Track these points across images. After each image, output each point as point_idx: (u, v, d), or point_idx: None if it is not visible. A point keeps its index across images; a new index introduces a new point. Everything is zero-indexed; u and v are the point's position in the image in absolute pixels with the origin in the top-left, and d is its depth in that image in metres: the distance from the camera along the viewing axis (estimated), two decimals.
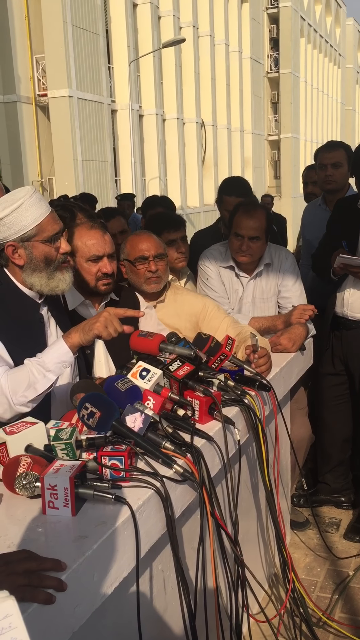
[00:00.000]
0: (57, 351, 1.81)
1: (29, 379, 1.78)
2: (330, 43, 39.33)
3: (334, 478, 3.45)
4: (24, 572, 1.12)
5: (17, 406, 1.80)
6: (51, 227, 1.92)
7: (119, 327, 1.83)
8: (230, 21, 26.91)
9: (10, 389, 1.78)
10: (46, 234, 1.92)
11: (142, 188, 21.22)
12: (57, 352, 1.81)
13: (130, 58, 19.87)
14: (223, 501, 1.86)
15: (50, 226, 1.92)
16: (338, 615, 2.59)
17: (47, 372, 1.79)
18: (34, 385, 1.78)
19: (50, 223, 1.92)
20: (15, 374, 1.80)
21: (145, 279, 2.54)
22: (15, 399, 1.79)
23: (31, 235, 1.91)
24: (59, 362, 1.80)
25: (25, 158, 17.80)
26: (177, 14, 22.70)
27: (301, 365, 2.81)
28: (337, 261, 2.97)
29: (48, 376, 1.79)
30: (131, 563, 1.39)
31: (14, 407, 1.80)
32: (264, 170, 32.13)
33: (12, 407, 1.80)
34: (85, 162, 18.11)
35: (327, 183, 3.90)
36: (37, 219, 1.90)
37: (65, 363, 1.81)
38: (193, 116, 24.12)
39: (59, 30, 16.95)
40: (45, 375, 1.78)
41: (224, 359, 2.09)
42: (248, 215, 2.83)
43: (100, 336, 1.84)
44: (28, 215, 1.88)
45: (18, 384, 1.78)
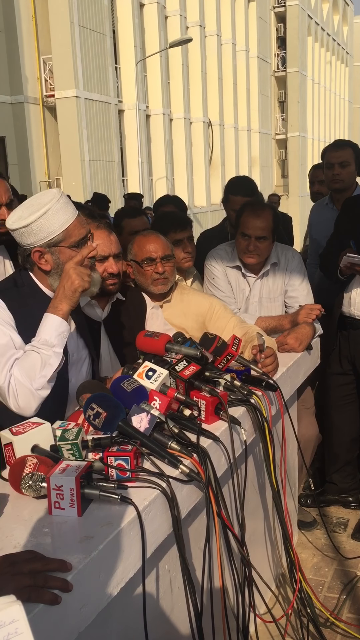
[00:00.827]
0: (52, 325, 1.82)
1: (41, 358, 1.79)
2: (338, 41, 39.19)
3: (341, 478, 3.44)
4: (30, 573, 1.12)
5: (38, 390, 1.80)
6: (78, 232, 1.90)
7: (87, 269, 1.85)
8: (237, 20, 26.86)
9: (27, 376, 1.78)
10: (73, 239, 1.89)
11: (149, 188, 21.23)
12: (53, 326, 1.82)
13: (137, 58, 19.88)
14: (230, 501, 1.85)
15: (77, 231, 1.90)
16: (346, 616, 2.58)
17: (53, 347, 1.80)
18: (48, 361, 1.79)
19: (77, 228, 1.90)
20: (25, 361, 1.80)
21: (152, 280, 2.54)
22: (35, 384, 1.78)
23: (58, 241, 1.88)
24: (58, 335, 1.82)
25: (32, 158, 17.85)
26: (183, 14, 22.69)
27: (308, 365, 2.80)
28: (344, 260, 2.95)
29: (56, 350, 1.81)
30: (137, 563, 1.39)
31: (36, 392, 1.79)
32: (272, 170, 32.06)
33: (34, 393, 1.79)
34: (93, 162, 18.13)
35: (334, 182, 3.89)
36: (63, 224, 1.87)
37: (64, 333, 1.83)
38: (200, 116, 24.10)
39: (66, 30, 16.99)
40: (53, 350, 1.80)
41: (230, 358, 2.09)
42: (255, 215, 2.83)
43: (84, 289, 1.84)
44: (54, 220, 1.86)
45: (31, 368, 1.78)
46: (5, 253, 2.66)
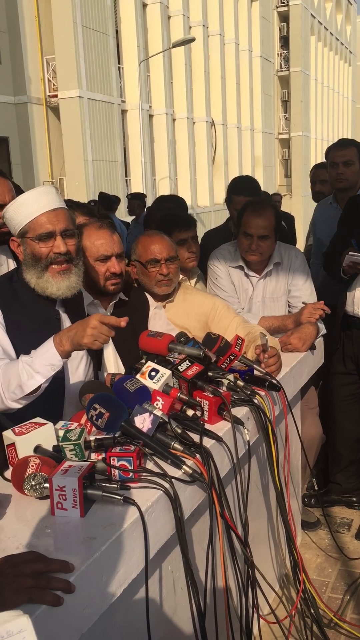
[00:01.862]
0: (47, 353, 1.77)
1: (20, 378, 1.76)
2: (341, 41, 39.13)
3: (345, 478, 3.43)
4: (32, 574, 1.12)
5: (9, 401, 1.79)
6: (44, 226, 1.91)
7: (109, 333, 1.75)
8: (240, 20, 26.85)
9: (3, 384, 1.78)
10: (37, 232, 1.91)
11: (153, 188, 21.22)
12: (47, 354, 1.77)
13: (140, 58, 19.88)
14: (233, 502, 1.85)
15: (43, 225, 1.91)
16: (350, 616, 2.57)
17: (36, 373, 1.76)
18: (22, 385, 1.76)
19: (44, 222, 1.91)
20: (9, 369, 1.79)
21: (157, 281, 2.54)
22: (7, 395, 1.79)
23: (24, 232, 1.93)
24: (47, 365, 1.76)
25: (36, 159, 17.88)
26: (186, 14, 22.68)
27: (311, 365, 2.79)
28: (347, 260, 2.95)
29: (36, 377, 1.76)
30: (140, 564, 1.39)
31: (6, 401, 1.79)
32: (275, 169, 32.03)
33: (4, 401, 1.79)
34: (96, 163, 18.14)
35: (338, 181, 3.88)
36: (29, 216, 1.91)
37: (54, 366, 1.77)
38: (203, 115, 24.09)
39: (69, 31, 17.00)
40: (32, 377, 1.76)
41: (233, 358, 2.08)
42: (257, 214, 2.82)
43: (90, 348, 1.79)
44: (21, 212, 1.91)
45: (10, 380, 1.78)
46: (8, 252, 2.66)
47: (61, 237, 1.93)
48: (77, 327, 1.76)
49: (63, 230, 1.94)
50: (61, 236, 1.94)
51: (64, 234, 1.94)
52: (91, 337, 1.72)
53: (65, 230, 1.95)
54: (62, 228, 1.94)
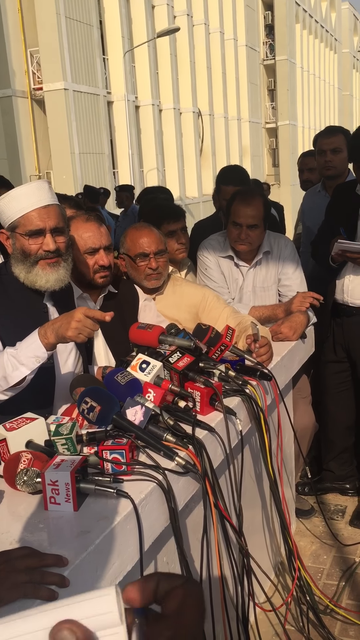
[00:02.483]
0: (31, 345, 1.78)
1: (4, 370, 1.77)
2: (326, 28, 39.01)
3: (338, 465, 3.45)
4: (26, 569, 1.11)
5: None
6: (34, 223, 1.90)
7: (94, 327, 1.76)
8: (225, 9, 26.70)
9: None
10: (27, 228, 1.91)
11: (140, 179, 21.14)
12: (31, 346, 1.78)
13: (125, 49, 19.74)
14: (227, 492, 1.85)
15: (33, 221, 1.90)
16: (345, 602, 2.59)
17: (20, 365, 1.77)
18: (7, 377, 1.77)
19: (35, 218, 1.90)
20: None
21: (146, 275, 2.53)
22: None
23: (14, 227, 1.92)
24: (32, 357, 1.77)
25: (22, 152, 17.74)
26: (170, 3, 22.52)
27: (303, 354, 2.80)
28: (335, 247, 2.94)
29: (20, 369, 1.77)
30: (135, 557, 1.38)
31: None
32: (262, 159, 31.98)
33: None
34: (83, 155, 18.03)
35: (326, 169, 3.87)
36: (20, 211, 1.90)
37: (38, 358, 1.78)
38: (190, 106, 23.99)
39: (53, 22, 16.83)
40: (17, 368, 1.77)
41: (224, 349, 2.08)
42: (246, 204, 2.81)
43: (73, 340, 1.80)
44: (13, 206, 1.90)
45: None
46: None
47: (51, 235, 1.93)
48: (61, 320, 1.77)
49: (53, 227, 1.93)
50: (51, 233, 1.93)
51: (53, 231, 1.94)
52: (75, 330, 1.73)
53: (56, 228, 1.94)
54: (52, 225, 1.93)
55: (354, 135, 3.04)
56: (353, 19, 45.57)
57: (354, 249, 2.91)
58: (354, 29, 45.81)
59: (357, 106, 48.83)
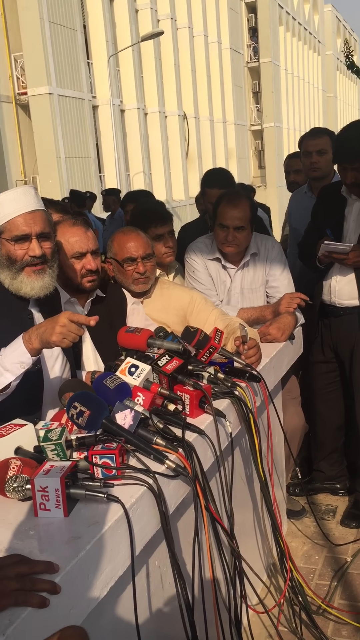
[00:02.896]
0: (16, 351, 1.77)
1: None
2: (310, 30, 39.28)
3: (328, 465, 3.46)
4: (16, 577, 1.10)
5: None
6: (20, 228, 1.90)
7: (78, 332, 1.75)
8: (208, 12, 26.80)
9: None
10: (12, 233, 1.90)
11: (127, 183, 21.14)
12: (16, 352, 1.77)
13: (109, 53, 19.75)
14: (217, 494, 1.85)
15: (19, 226, 1.90)
16: (337, 602, 2.60)
17: (5, 371, 1.76)
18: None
19: (21, 224, 1.90)
20: None
21: (133, 279, 2.53)
22: None
23: (0, 232, 1.91)
24: (16, 363, 1.77)
25: (7, 157, 17.69)
26: (154, 7, 22.58)
27: (291, 355, 2.80)
28: (322, 249, 2.95)
29: (5, 375, 1.76)
30: (126, 561, 1.38)
31: None
32: (248, 161, 32.10)
33: None
34: (69, 160, 18.01)
35: (312, 170, 3.89)
36: (5, 216, 1.89)
37: (23, 364, 1.77)
38: (175, 109, 24.03)
39: (36, 27, 16.81)
40: (2, 374, 1.76)
41: (213, 351, 2.08)
42: (232, 206, 2.82)
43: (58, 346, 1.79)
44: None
45: None
46: None
47: (37, 240, 1.92)
48: (46, 325, 1.76)
49: (39, 233, 1.93)
50: (37, 239, 1.92)
51: (39, 236, 1.93)
52: (60, 335, 1.72)
53: (42, 233, 1.94)
54: (38, 231, 1.92)
55: (338, 137, 3.05)
56: (336, 21, 45.93)
57: (340, 249, 2.93)
58: (336, 31, 46.15)
59: (341, 108, 49.18)
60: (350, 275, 3.06)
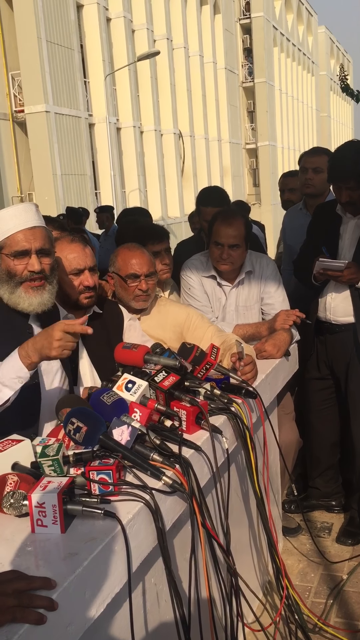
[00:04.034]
0: (13, 367, 1.77)
1: None
2: (303, 51, 39.82)
3: (324, 482, 3.46)
4: (14, 593, 1.10)
5: None
6: (20, 244, 1.92)
7: (75, 340, 1.77)
8: (204, 33, 27.15)
9: None
10: (12, 248, 1.92)
11: (122, 200, 21.25)
12: (13, 367, 1.77)
13: (106, 72, 19.96)
14: (214, 511, 1.85)
15: (19, 242, 1.92)
16: (333, 620, 2.59)
17: (3, 387, 1.76)
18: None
19: (21, 239, 1.92)
20: None
21: (135, 296, 2.54)
22: None
23: (0, 247, 1.93)
24: (14, 378, 1.77)
25: (4, 174, 17.78)
26: (150, 27, 22.86)
27: (287, 371, 2.81)
28: (317, 266, 2.98)
29: (3, 390, 1.76)
30: (123, 578, 1.38)
31: None
32: (243, 179, 32.34)
33: None
34: (65, 177, 18.11)
35: (306, 186, 3.94)
36: (6, 232, 1.91)
37: (21, 379, 1.77)
38: (170, 127, 24.24)
39: (34, 46, 17.00)
40: (0, 390, 1.76)
41: (209, 367, 2.09)
42: (227, 224, 2.84)
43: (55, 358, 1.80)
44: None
45: None
46: None
47: (36, 256, 1.94)
48: (42, 340, 1.76)
49: (39, 248, 1.94)
50: (36, 255, 1.94)
51: (39, 252, 1.95)
52: (59, 349, 1.74)
53: (41, 249, 1.95)
54: (38, 247, 1.94)
55: (333, 156, 3.10)
56: (329, 43, 46.60)
57: (335, 267, 2.96)
58: (330, 52, 46.80)
59: (334, 127, 49.72)
60: (346, 292, 3.09)
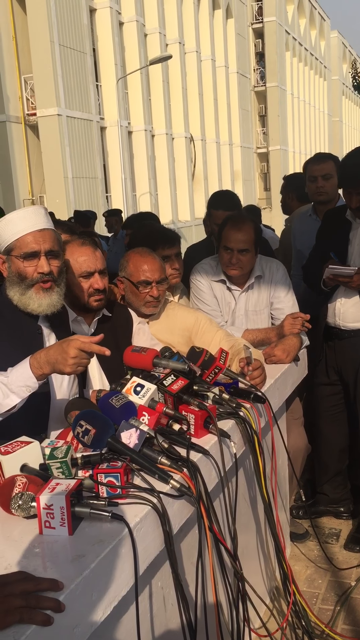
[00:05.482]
0: (23, 375, 1.77)
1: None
2: (316, 56, 39.80)
3: (332, 488, 3.44)
4: (21, 594, 1.11)
5: None
6: (29, 245, 1.93)
7: (89, 357, 1.77)
8: (216, 37, 27.22)
9: None
10: (22, 250, 1.93)
11: (133, 204, 21.31)
12: (23, 375, 1.77)
13: (118, 76, 20.04)
14: (221, 515, 1.85)
15: (29, 244, 1.93)
16: (340, 628, 2.57)
17: (11, 393, 1.76)
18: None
19: (31, 241, 1.93)
20: None
21: (145, 302, 2.54)
22: None
23: (10, 249, 1.95)
24: (23, 386, 1.76)
25: (16, 177, 17.88)
26: (163, 31, 22.94)
27: (296, 376, 2.81)
28: (327, 272, 2.98)
29: (11, 397, 1.76)
30: (130, 581, 1.38)
31: None
32: (254, 183, 32.34)
33: None
34: (76, 180, 18.19)
35: (318, 194, 3.93)
36: (16, 234, 1.93)
37: (29, 388, 1.77)
38: (182, 131, 24.29)
39: (47, 49, 17.11)
40: (8, 396, 1.76)
41: (218, 372, 2.09)
42: (236, 229, 2.84)
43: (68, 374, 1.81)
44: (9, 229, 1.93)
45: None
46: None
47: (45, 258, 1.95)
48: (56, 354, 1.74)
49: (48, 250, 1.96)
50: (45, 256, 1.95)
51: (48, 254, 1.96)
52: (73, 366, 1.73)
53: (50, 251, 1.97)
54: (47, 248, 1.96)
55: (344, 162, 3.09)
56: (342, 47, 46.55)
57: (345, 273, 2.95)
58: (342, 57, 46.74)
59: (346, 132, 49.62)
60: (355, 298, 3.08)
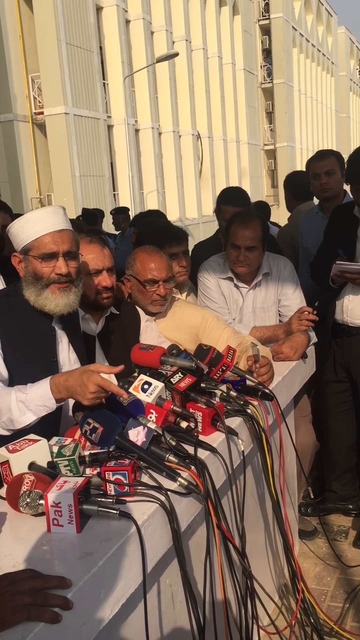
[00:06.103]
0: (43, 395, 1.76)
1: (11, 412, 1.75)
2: (323, 52, 39.63)
3: (341, 486, 3.43)
4: (29, 591, 1.11)
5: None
6: (47, 246, 1.92)
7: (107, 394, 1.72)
8: (223, 34, 27.15)
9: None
10: (40, 251, 1.92)
11: (140, 201, 21.31)
12: (42, 395, 1.76)
13: (125, 73, 20.04)
14: (229, 513, 1.84)
15: (47, 245, 1.92)
16: (350, 625, 2.57)
17: (28, 411, 1.75)
18: (13, 421, 1.76)
19: (49, 242, 1.92)
20: (1, 399, 1.78)
21: (152, 300, 2.54)
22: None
23: (27, 250, 1.94)
24: (40, 405, 1.75)
25: (23, 176, 17.92)
26: (169, 29, 22.90)
27: (304, 373, 2.80)
28: (334, 269, 2.96)
29: (28, 415, 1.76)
30: (138, 578, 1.38)
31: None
32: (261, 180, 32.26)
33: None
34: (83, 178, 18.21)
35: (323, 191, 3.91)
36: (34, 234, 1.92)
37: (47, 408, 1.76)
38: (189, 128, 24.26)
39: (53, 48, 17.12)
40: (25, 414, 1.75)
41: (225, 369, 2.09)
42: (244, 226, 2.83)
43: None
44: (27, 229, 1.92)
45: (1, 410, 1.77)
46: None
47: (63, 259, 1.94)
48: (75, 385, 1.71)
49: (66, 251, 1.95)
50: (63, 257, 1.94)
51: (66, 255, 1.95)
52: (92, 400, 1.69)
53: (69, 252, 1.95)
54: (65, 249, 1.94)
55: (351, 158, 3.07)
56: (349, 43, 46.33)
57: (353, 269, 2.94)
58: (350, 53, 46.53)
59: (354, 128, 49.41)
60: None
